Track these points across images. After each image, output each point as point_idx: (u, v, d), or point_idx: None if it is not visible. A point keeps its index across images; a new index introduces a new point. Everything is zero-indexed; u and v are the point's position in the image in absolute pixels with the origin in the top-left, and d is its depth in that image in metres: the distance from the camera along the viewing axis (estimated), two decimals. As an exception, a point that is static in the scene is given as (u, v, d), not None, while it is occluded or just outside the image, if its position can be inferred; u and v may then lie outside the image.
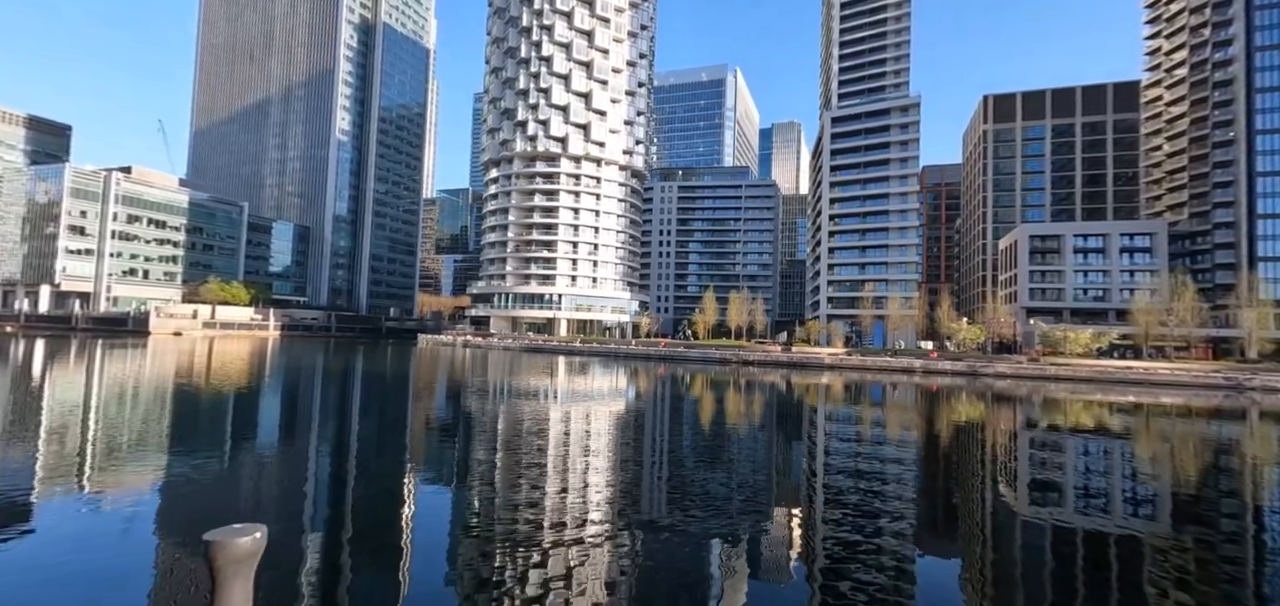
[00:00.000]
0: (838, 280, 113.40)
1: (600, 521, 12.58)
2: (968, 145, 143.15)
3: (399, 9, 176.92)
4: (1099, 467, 21.33)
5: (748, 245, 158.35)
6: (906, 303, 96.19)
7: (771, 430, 27.96)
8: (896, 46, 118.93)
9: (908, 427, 29.73)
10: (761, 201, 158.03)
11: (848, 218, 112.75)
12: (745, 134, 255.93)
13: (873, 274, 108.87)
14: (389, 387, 40.83)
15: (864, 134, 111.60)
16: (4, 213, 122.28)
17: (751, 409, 35.36)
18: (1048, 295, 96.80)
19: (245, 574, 1.77)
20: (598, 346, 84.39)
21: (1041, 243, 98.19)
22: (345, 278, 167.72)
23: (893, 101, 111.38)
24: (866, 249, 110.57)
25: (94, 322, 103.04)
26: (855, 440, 25.23)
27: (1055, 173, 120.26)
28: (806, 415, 34.21)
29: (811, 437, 26.20)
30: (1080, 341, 68.86)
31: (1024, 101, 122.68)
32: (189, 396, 32.04)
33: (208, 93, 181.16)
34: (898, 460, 21.68)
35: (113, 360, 50.99)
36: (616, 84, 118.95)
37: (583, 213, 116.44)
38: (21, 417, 23.04)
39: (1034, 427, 30.58)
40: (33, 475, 14.80)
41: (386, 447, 20.70)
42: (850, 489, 16.26)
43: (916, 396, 43.35)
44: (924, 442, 25.34)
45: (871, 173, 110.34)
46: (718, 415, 31.80)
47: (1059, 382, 55.32)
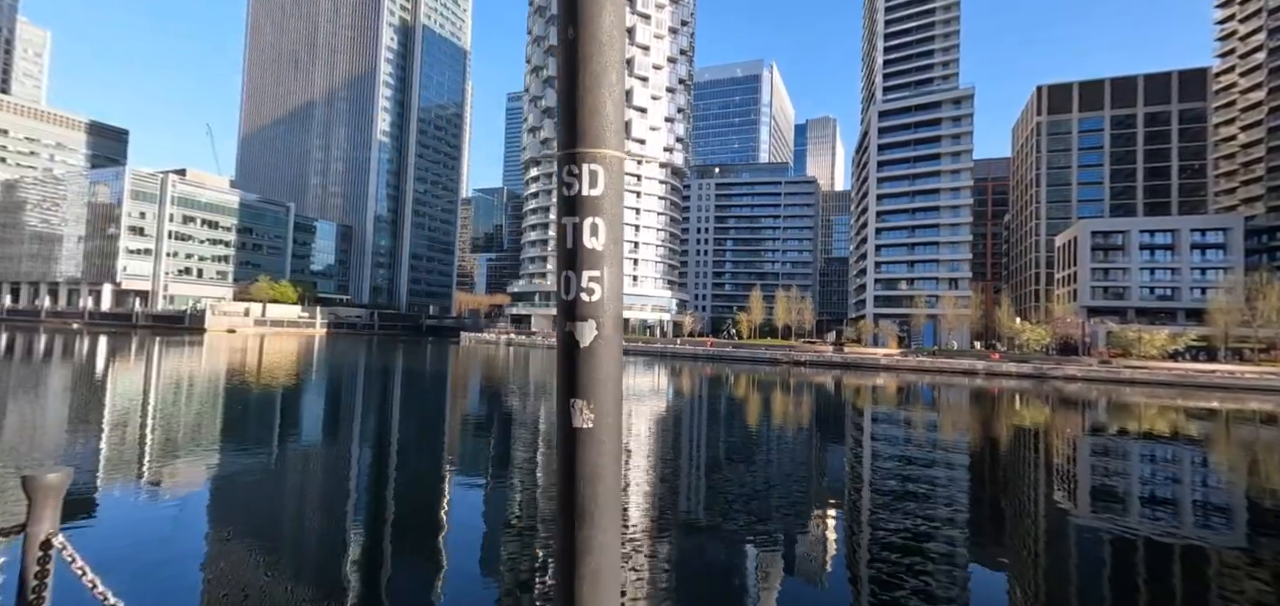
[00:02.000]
0: (885, 279, 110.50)
1: (641, 520, 12.56)
2: (1017, 138, 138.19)
3: (438, 10, 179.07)
4: (1172, 475, 20.10)
5: (786, 243, 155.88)
6: (961, 302, 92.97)
7: (826, 432, 27.19)
8: (944, 38, 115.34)
9: (968, 431, 28.44)
10: (801, 198, 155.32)
11: (895, 214, 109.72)
12: (781, 130, 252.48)
13: (922, 272, 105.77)
14: (440, 386, 40.77)
15: (913, 128, 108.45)
16: (66, 214, 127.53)
17: (805, 410, 34.40)
18: (1110, 294, 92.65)
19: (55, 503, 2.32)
20: (644, 345, 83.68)
21: (1103, 239, 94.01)
22: (386, 276, 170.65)
23: (943, 94, 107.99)
24: (915, 246, 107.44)
25: (153, 320, 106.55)
26: (912, 443, 24.17)
27: (1114, 165, 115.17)
28: (862, 418, 32.94)
29: (868, 441, 25.21)
30: (1155, 343, 65.38)
31: (1081, 92, 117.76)
32: (247, 392, 32.58)
33: (255, 97, 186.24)
34: (955, 464, 20.84)
35: (174, 356, 52.17)
36: (657, 80, 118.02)
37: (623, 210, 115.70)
38: (87, 410, 23.96)
39: (1101, 432, 29.07)
40: (97, 466, 15.41)
41: (438, 444, 21.10)
42: (902, 493, 15.84)
43: (978, 400, 41.60)
44: (983, 447, 24.31)
45: (921, 167, 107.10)
46: (769, 416, 30.94)
47: (1135, 386, 52.58)
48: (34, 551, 2.28)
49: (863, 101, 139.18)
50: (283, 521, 12.44)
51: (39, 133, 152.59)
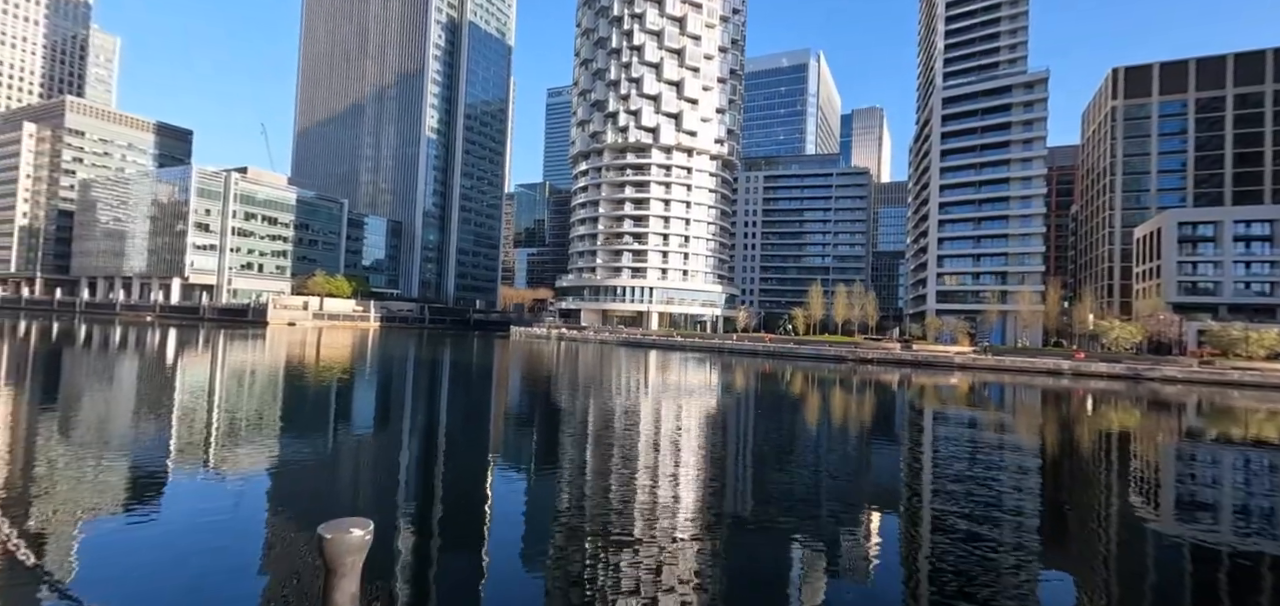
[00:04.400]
0: (948, 273, 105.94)
1: (693, 518, 12.51)
2: (1089, 124, 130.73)
3: (483, 7, 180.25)
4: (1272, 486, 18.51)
5: (837, 236, 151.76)
6: (1035, 298, 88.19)
7: (903, 433, 26.15)
8: (1011, 19, 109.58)
9: (1061, 436, 26.57)
10: (853, 190, 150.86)
11: (960, 206, 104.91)
12: (827, 120, 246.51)
13: (989, 267, 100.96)
14: (504, 382, 40.32)
15: (980, 115, 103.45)
16: (136, 212, 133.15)
17: (876, 411, 33.05)
18: (1199, 289, 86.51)
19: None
20: (700, 341, 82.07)
21: (1191, 230, 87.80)
22: (434, 271, 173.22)
23: (1014, 77, 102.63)
24: (981, 239, 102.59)
25: (219, 313, 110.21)
26: (999, 448, 22.78)
27: (1198, 151, 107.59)
28: (944, 419, 31.05)
29: (948, 443, 23.85)
30: (1264, 342, 60.35)
31: (1162, 73, 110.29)
32: (314, 383, 33.54)
33: (309, 96, 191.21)
34: (1032, 469, 19.72)
35: (239, 349, 53.30)
36: (708, 71, 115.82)
37: (674, 204, 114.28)
38: (158, 400, 25.24)
39: (1198, 438, 26.90)
40: (166, 453, 16.32)
41: (492, 437, 21.49)
42: (967, 496, 15.26)
43: (1066, 402, 38.93)
44: (1074, 452, 22.82)
45: (989, 156, 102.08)
46: (842, 418, 29.74)
47: (1243, 389, 48.51)
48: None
49: (919, 89, 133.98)
50: (349, 507, 12.86)
51: (111, 134, 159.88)
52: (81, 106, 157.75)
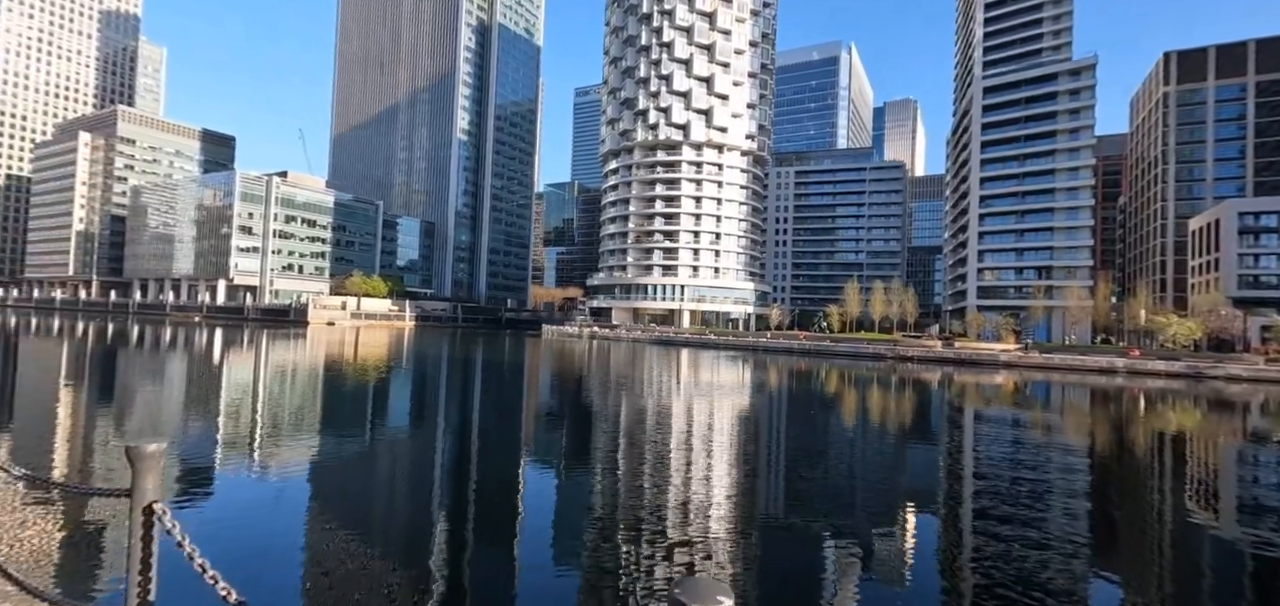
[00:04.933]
0: (990, 268, 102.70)
1: (726, 517, 12.36)
2: (1138, 111, 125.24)
3: (512, 8, 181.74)
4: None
5: (871, 232, 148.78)
6: (1083, 293, 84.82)
7: (939, 434, 25.46)
8: (1055, 4, 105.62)
9: (1106, 435, 25.51)
10: (888, 184, 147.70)
11: (1002, 199, 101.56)
12: (859, 114, 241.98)
13: (1033, 261, 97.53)
14: (531, 379, 40.51)
15: (1024, 104, 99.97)
16: (183, 216, 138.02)
17: (916, 410, 32.13)
18: (1261, 282, 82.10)
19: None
20: (734, 339, 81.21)
21: (1253, 220, 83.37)
22: (466, 270, 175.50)
23: (1059, 65, 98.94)
24: (1025, 233, 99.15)
25: (262, 313, 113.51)
26: (1033, 447, 22.03)
27: (1259, 139, 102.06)
28: (980, 418, 29.91)
29: (996, 445, 22.91)
30: (1338, 338, 56.82)
31: (1218, 57, 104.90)
32: (355, 381, 34.30)
33: (344, 100, 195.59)
34: (1082, 470, 18.90)
35: (282, 347, 54.70)
36: (738, 66, 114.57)
37: (704, 201, 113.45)
38: (207, 397, 26.37)
39: (1264, 440, 25.45)
40: (214, 447, 16.88)
41: (525, 434, 21.68)
42: (1012, 497, 14.77)
43: (1120, 402, 37.23)
44: (1122, 452, 21.94)
45: (1033, 146, 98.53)
46: (880, 417, 28.97)
47: (1321, 388, 45.63)
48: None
49: (956, 80, 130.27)
50: (384, 500, 13.38)
51: (160, 141, 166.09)
52: (132, 116, 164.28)
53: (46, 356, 41.59)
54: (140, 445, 2.63)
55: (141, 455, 2.57)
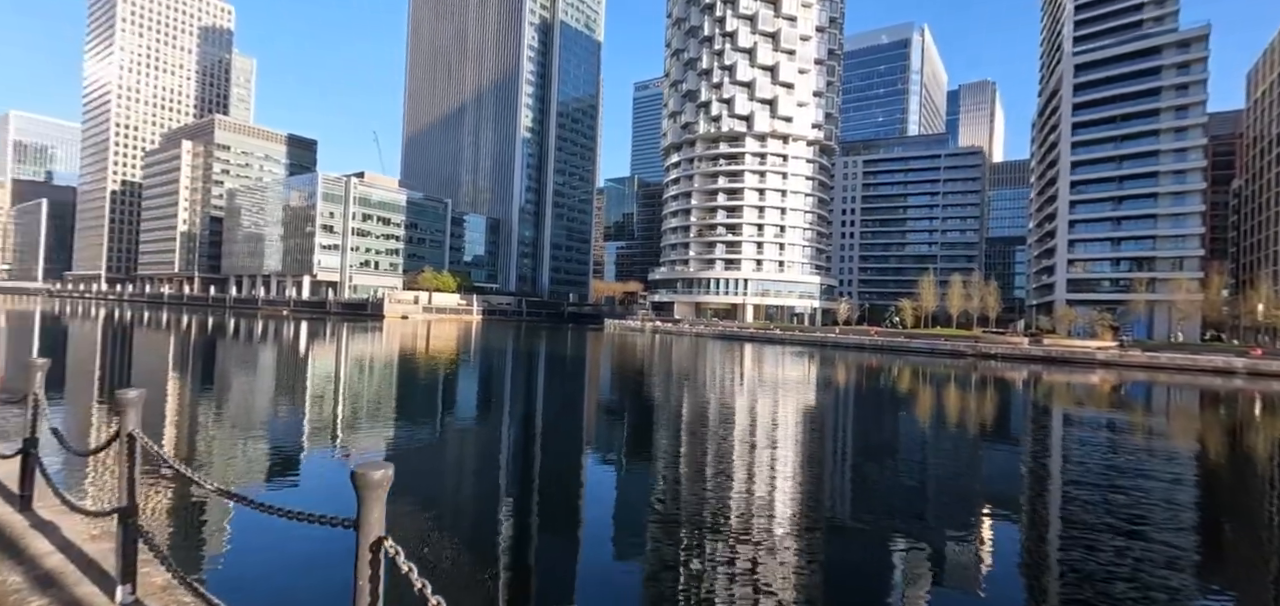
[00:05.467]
0: (1081, 259, 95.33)
1: (790, 516, 12.04)
2: (1256, 85, 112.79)
3: (574, 6, 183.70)
4: None
5: (946, 222, 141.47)
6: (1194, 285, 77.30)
7: (1025, 436, 23.74)
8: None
9: (1220, 442, 22.97)
10: (964, 171, 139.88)
11: (1097, 184, 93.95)
12: (932, 98, 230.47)
13: (1132, 251, 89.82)
14: (595, 372, 40.58)
15: (1122, 80, 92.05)
16: (270, 216, 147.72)
17: (999, 411, 30.06)
18: None
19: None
20: (800, 334, 79.02)
21: (1403, 204, 73.46)
22: (529, 265, 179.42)
23: (1164, 36, 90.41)
24: (1123, 221, 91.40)
25: (342, 307, 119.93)
26: (1132, 452, 20.12)
27: None
28: (1072, 421, 27.29)
29: (1080, 447, 21.18)
30: None
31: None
32: (427, 372, 35.47)
33: (415, 103, 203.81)
34: (1190, 480, 17.26)
35: (361, 340, 57.18)
36: (804, 53, 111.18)
37: (768, 193, 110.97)
38: (293, 386, 28.06)
39: None
40: (300, 432, 17.85)
41: (588, 426, 21.85)
42: (1105, 506, 13.49)
43: (1237, 405, 33.61)
44: (1240, 460, 19.86)
45: (1134, 126, 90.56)
46: (958, 417, 27.22)
47: None
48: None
49: (1042, 57, 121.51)
50: (453, 487, 13.72)
51: (251, 147, 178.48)
52: (227, 123, 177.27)
53: (156, 346, 45.23)
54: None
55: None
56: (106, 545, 3.52)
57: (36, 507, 3.96)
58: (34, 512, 3.90)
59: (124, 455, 2.72)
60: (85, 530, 3.65)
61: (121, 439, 2.67)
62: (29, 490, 3.98)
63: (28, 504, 3.96)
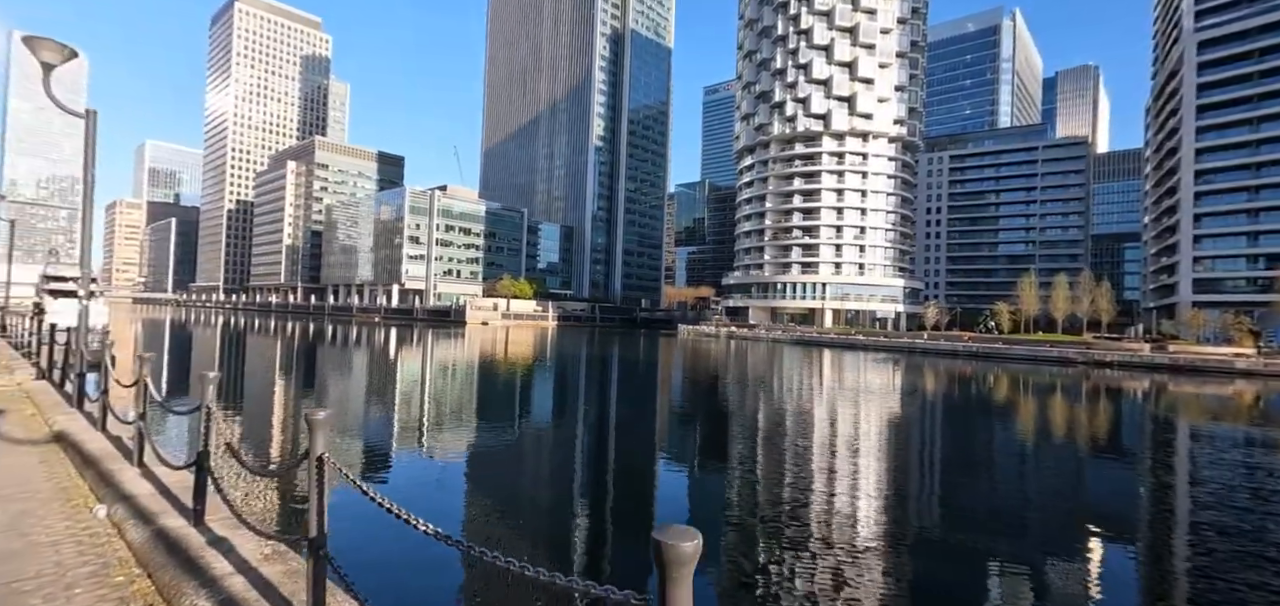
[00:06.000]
0: (1209, 256, 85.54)
1: (874, 528, 11.55)
2: None
3: (644, 13, 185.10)
4: None
5: (1045, 219, 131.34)
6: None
7: (1145, 452, 21.48)
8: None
9: None
10: (1065, 163, 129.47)
11: (1228, 173, 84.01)
12: (1025, 87, 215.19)
13: (1273, 246, 79.67)
14: (671, 378, 40.00)
15: (1258, 56, 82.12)
16: (362, 229, 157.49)
17: (1115, 424, 27.21)
18: None
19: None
20: (884, 340, 75.44)
21: None
22: (602, 272, 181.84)
23: (1310, 3, 79.91)
24: (1261, 213, 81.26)
25: (428, 314, 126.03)
26: None
27: None
28: (1202, 437, 24.05)
29: (1213, 466, 18.82)
30: None
31: None
32: (507, 376, 36.67)
33: (492, 118, 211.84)
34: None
35: (445, 345, 59.61)
36: (885, 46, 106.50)
37: (847, 194, 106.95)
38: (384, 387, 29.72)
39: None
40: (391, 430, 18.84)
41: (665, 431, 21.74)
42: (1239, 531, 12.03)
43: None
44: None
45: (1274, 106, 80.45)
46: (1066, 429, 25.02)
47: None
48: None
49: (1157, 35, 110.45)
50: (530, 485, 13.99)
51: (346, 165, 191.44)
52: (325, 144, 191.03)
53: (266, 350, 49.03)
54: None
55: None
56: (280, 567, 3.47)
57: (210, 523, 4.01)
58: (207, 528, 3.94)
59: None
60: (257, 550, 3.63)
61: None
62: (201, 505, 4.04)
63: (201, 518, 4.01)
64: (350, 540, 9.20)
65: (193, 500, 4.07)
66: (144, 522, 4.03)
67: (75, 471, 5.78)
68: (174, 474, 5.20)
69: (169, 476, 5.19)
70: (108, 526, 4.31)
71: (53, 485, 5.32)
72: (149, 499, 4.52)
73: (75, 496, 5.02)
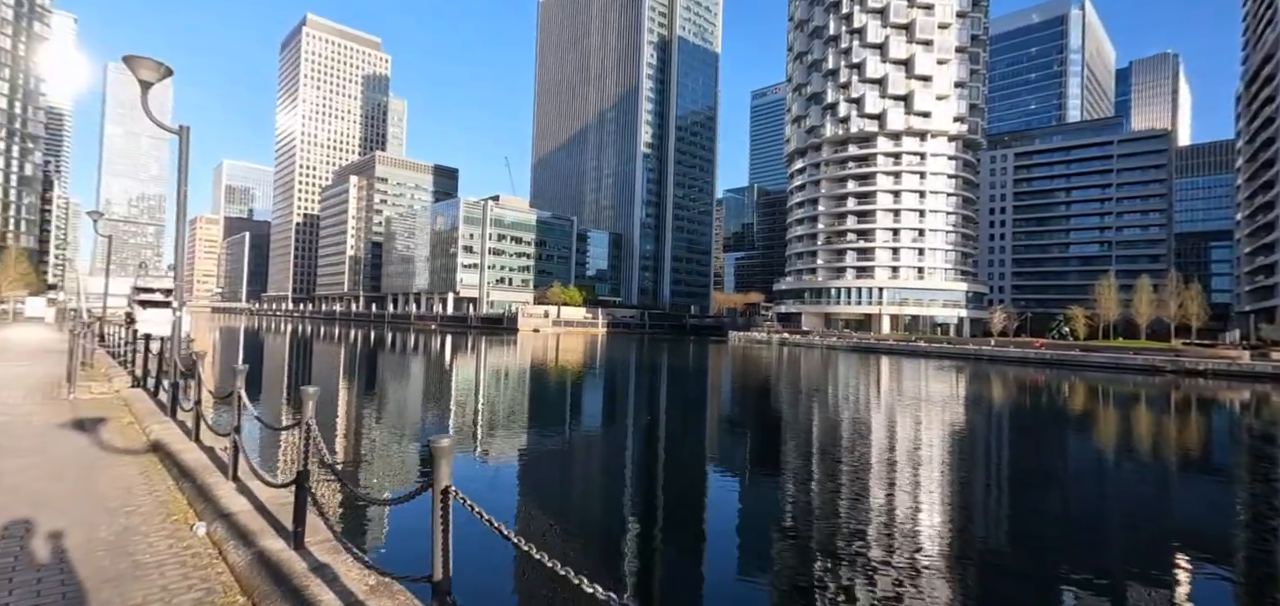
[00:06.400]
0: (1315, 255, 78.24)
1: (937, 543, 10.85)
2: None
3: (692, 20, 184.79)
4: None
5: (1121, 217, 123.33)
6: None
7: (1247, 469, 19.64)
8: None
9: None
10: (1145, 158, 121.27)
11: (1337, 162, 76.78)
12: (1096, 79, 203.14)
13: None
14: (723, 385, 39.41)
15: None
16: (419, 239, 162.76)
17: (1210, 438, 25.09)
18: None
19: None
20: (948, 346, 72.22)
21: None
22: (650, 278, 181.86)
23: None
24: (1378, 206, 73.73)
25: (481, 321, 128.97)
26: None
27: None
28: None
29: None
30: None
31: None
32: (558, 383, 37.21)
33: (542, 128, 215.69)
34: None
35: (498, 352, 60.63)
36: (943, 42, 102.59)
37: (904, 196, 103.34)
38: (441, 392, 30.58)
39: None
40: (478, 445, 18.49)
41: (717, 439, 21.48)
42: None
43: None
44: None
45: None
46: (1153, 444, 23.16)
47: None
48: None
49: (1248, 17, 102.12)
50: (581, 491, 14.08)
51: (404, 178, 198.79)
52: (385, 159, 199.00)
53: (332, 358, 51.06)
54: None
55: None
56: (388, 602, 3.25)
57: (310, 546, 3.86)
58: (309, 552, 3.78)
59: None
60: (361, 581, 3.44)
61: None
62: (301, 527, 3.90)
63: (301, 541, 3.87)
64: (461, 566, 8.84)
65: (293, 522, 3.93)
66: (244, 543, 3.93)
67: (173, 483, 5.85)
68: (268, 490, 5.15)
69: (263, 491, 5.15)
70: (208, 545, 4.25)
71: (154, 499, 5.36)
72: (247, 517, 4.45)
73: (175, 511, 5.03)
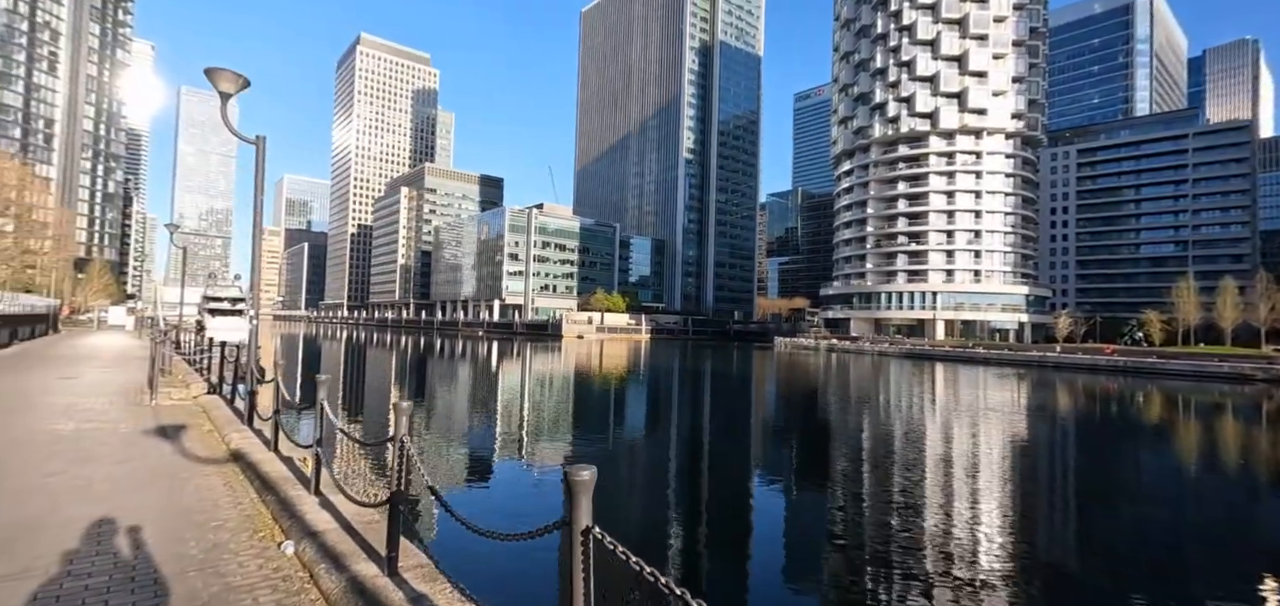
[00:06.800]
0: None
1: (998, 560, 10.32)
2: None
3: (733, 24, 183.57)
4: None
5: (1197, 215, 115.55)
6: None
7: None
8: None
9: None
10: (1224, 151, 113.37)
11: None
12: (1166, 69, 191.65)
13: None
14: (770, 393, 38.63)
15: None
16: (466, 247, 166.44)
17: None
18: None
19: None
20: (1009, 353, 68.95)
21: None
22: (693, 284, 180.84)
23: None
24: None
25: (526, 328, 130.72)
26: None
27: None
28: None
29: None
30: None
31: None
32: (603, 389, 37.38)
33: (585, 136, 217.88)
34: None
35: (543, 358, 61.17)
36: (999, 36, 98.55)
37: (959, 196, 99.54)
38: (488, 397, 30.91)
39: None
40: (494, 438, 19.51)
41: (765, 449, 21.23)
42: None
43: None
44: None
45: None
46: (1241, 458, 21.67)
47: None
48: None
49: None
50: (624, 496, 13.92)
51: (452, 188, 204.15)
52: (434, 170, 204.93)
53: (384, 362, 52.51)
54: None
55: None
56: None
57: (404, 573, 3.66)
58: (404, 581, 3.58)
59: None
60: None
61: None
62: (395, 552, 3.71)
63: (395, 567, 3.68)
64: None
65: (386, 546, 3.75)
66: (336, 568, 3.78)
67: (256, 496, 5.83)
68: (352, 506, 5.03)
69: (347, 508, 5.03)
70: (298, 567, 4.13)
71: (238, 513, 5.33)
72: (335, 537, 4.32)
73: (261, 527, 4.97)
